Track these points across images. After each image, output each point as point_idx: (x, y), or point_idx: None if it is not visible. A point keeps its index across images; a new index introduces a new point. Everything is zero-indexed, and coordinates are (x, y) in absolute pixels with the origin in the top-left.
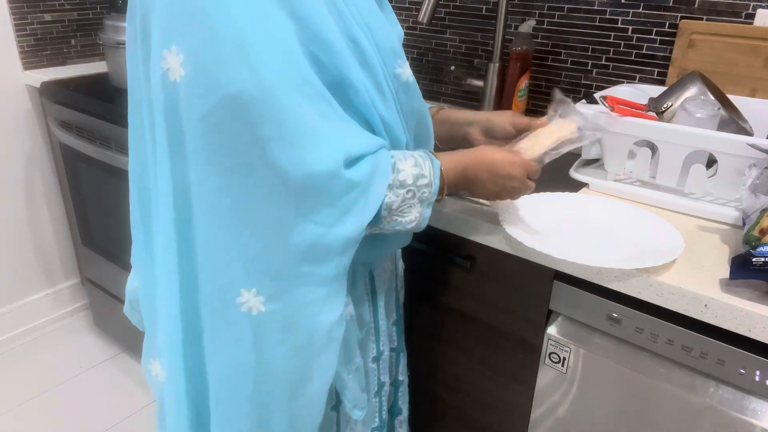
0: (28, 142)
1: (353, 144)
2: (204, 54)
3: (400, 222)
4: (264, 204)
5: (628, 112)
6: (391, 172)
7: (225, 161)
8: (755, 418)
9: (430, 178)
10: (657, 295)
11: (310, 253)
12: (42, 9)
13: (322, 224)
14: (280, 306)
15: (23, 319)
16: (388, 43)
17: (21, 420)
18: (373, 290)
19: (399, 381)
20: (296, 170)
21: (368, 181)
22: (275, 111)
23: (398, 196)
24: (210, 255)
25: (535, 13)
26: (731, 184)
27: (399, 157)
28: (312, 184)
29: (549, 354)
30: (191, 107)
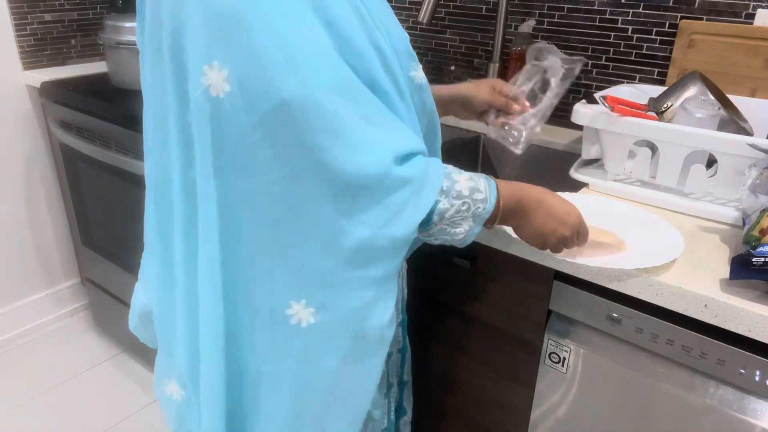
0: (28, 142)
1: (401, 142)
2: (249, 68)
3: (450, 233)
4: (313, 210)
5: (628, 112)
6: (444, 179)
7: (273, 172)
8: (755, 418)
9: (486, 194)
10: (657, 295)
11: (359, 255)
12: (42, 9)
13: (372, 225)
14: (332, 315)
15: (23, 319)
16: (405, 47)
17: (21, 420)
18: None
19: (404, 381)
20: (347, 172)
21: (421, 179)
22: (322, 118)
23: (453, 206)
24: (257, 268)
25: (535, 13)
26: (731, 184)
27: (452, 169)
28: (363, 184)
29: (549, 354)
30: (237, 121)
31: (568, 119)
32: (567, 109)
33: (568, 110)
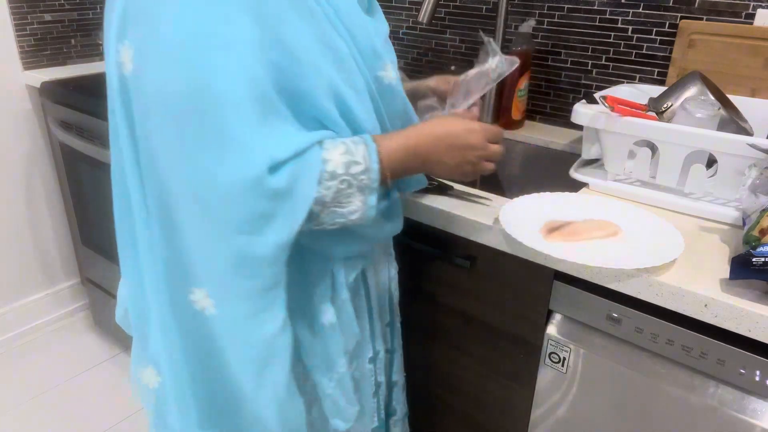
0: (28, 142)
1: (280, 148)
2: (148, 52)
3: (342, 213)
4: (192, 206)
5: (628, 112)
6: (320, 166)
7: (162, 162)
8: (755, 418)
9: (366, 164)
10: (657, 295)
11: (240, 263)
12: (42, 9)
13: (250, 232)
14: (227, 312)
15: (23, 319)
16: (370, 46)
17: (21, 420)
18: (367, 292)
19: (393, 381)
20: (220, 176)
21: (291, 185)
22: (205, 116)
23: (329, 189)
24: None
25: (535, 13)
26: (731, 184)
27: (328, 147)
28: (235, 191)
29: (549, 354)
30: (136, 103)
31: (568, 119)
32: (567, 109)
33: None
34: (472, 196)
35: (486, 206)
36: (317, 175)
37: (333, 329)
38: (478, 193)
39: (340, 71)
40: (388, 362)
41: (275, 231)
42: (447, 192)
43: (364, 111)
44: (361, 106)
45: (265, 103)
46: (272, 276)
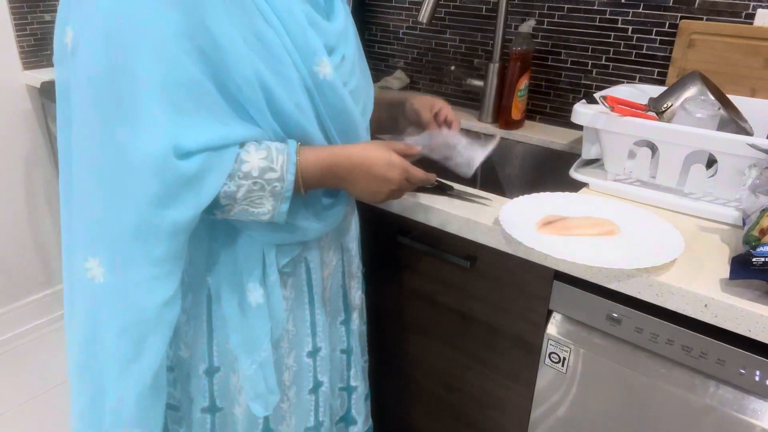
0: (28, 142)
1: (191, 138)
2: (81, 34)
3: (253, 212)
4: (104, 177)
5: (628, 112)
6: (233, 163)
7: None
8: (755, 418)
9: (282, 173)
10: (657, 295)
11: (140, 231)
12: (42, 9)
13: (153, 205)
14: (116, 279)
15: (23, 319)
16: (304, 42)
17: (21, 420)
18: (309, 282)
19: (351, 387)
20: (129, 149)
21: (199, 175)
22: (122, 96)
23: (240, 187)
24: (70, 221)
25: (535, 13)
26: (731, 184)
27: (250, 149)
28: (143, 166)
29: (549, 354)
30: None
31: (568, 119)
32: (567, 109)
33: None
34: (472, 196)
35: (486, 206)
36: (228, 171)
37: (260, 310)
38: (478, 193)
39: (268, 63)
40: (345, 364)
41: (177, 209)
42: (447, 192)
43: (294, 105)
44: (291, 100)
45: (188, 92)
46: (168, 248)
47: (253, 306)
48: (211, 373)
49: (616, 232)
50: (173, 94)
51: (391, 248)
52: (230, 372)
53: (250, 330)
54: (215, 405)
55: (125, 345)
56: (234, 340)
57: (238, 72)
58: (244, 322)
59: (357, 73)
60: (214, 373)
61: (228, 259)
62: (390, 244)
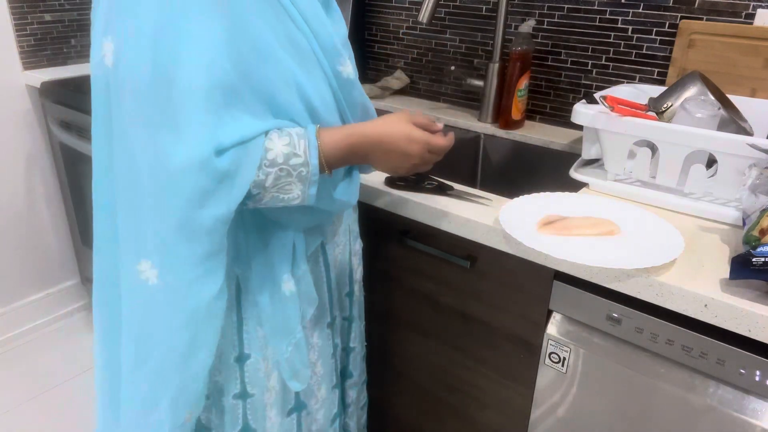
0: (28, 142)
1: (227, 135)
2: (124, 44)
3: (283, 198)
4: (149, 183)
5: (628, 112)
6: (262, 153)
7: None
8: (755, 418)
9: (305, 158)
10: (657, 295)
11: (184, 231)
12: (42, 9)
13: (193, 206)
14: (169, 280)
15: (23, 319)
16: (330, 44)
17: (21, 420)
18: (327, 263)
19: (351, 347)
20: (172, 155)
21: (234, 169)
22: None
23: (268, 175)
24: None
25: (535, 13)
26: (731, 184)
27: (273, 137)
28: (185, 170)
29: (549, 354)
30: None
31: (568, 119)
32: (567, 109)
33: (568, 110)
34: (472, 196)
35: (486, 206)
36: (257, 161)
37: (293, 298)
38: (478, 193)
39: (301, 65)
40: (346, 329)
41: (215, 205)
42: (447, 192)
43: (323, 103)
44: (320, 98)
45: (226, 93)
46: (211, 245)
47: (287, 295)
48: (242, 360)
49: (616, 232)
50: (212, 98)
51: (391, 248)
52: (260, 358)
53: (284, 318)
54: (246, 391)
55: (183, 341)
56: (267, 329)
57: (276, 73)
58: (278, 311)
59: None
60: (245, 360)
61: (258, 251)
62: (390, 244)
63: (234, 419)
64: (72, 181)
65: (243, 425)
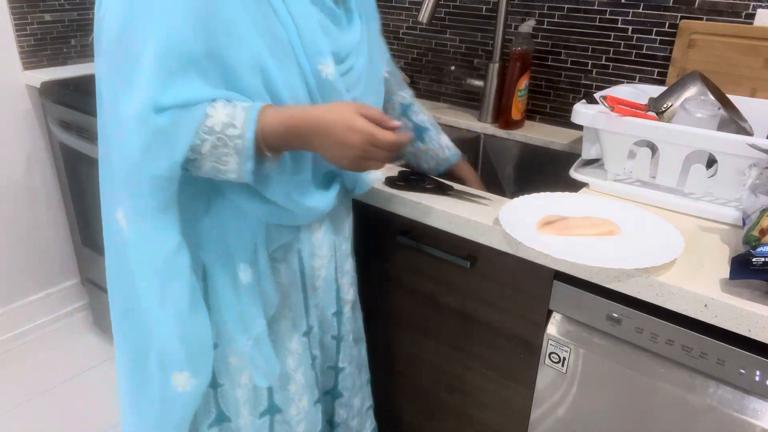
0: (28, 142)
1: (172, 96)
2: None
3: (221, 170)
4: (111, 131)
5: (628, 112)
6: (201, 119)
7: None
8: (755, 418)
9: (242, 130)
10: (657, 295)
11: (134, 181)
12: (42, 9)
13: (138, 159)
14: (135, 228)
15: (23, 319)
16: (312, 41)
17: (21, 420)
18: (302, 270)
19: (339, 368)
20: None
21: (172, 129)
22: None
23: (204, 141)
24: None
25: (535, 13)
26: (731, 184)
27: (218, 105)
28: (129, 123)
29: (549, 354)
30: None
31: (568, 119)
32: (567, 109)
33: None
34: (472, 196)
35: (486, 206)
36: (196, 125)
37: (251, 289)
38: (478, 193)
39: (272, 49)
40: (334, 348)
41: (156, 161)
42: (447, 192)
43: (292, 97)
44: (290, 92)
45: (183, 61)
46: (158, 200)
47: (243, 284)
48: None
49: (616, 232)
50: (165, 61)
51: (391, 248)
52: (228, 351)
53: (242, 307)
54: (216, 380)
55: (154, 288)
56: (228, 318)
57: (245, 55)
58: (237, 300)
59: (362, 85)
60: (213, 349)
61: (220, 238)
62: (390, 244)
63: (207, 408)
64: (72, 181)
65: (217, 413)
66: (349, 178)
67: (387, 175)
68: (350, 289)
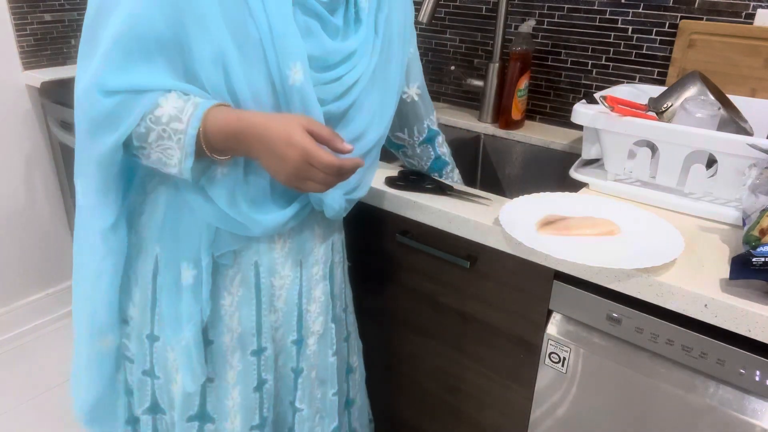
0: (28, 142)
1: (124, 80)
2: None
3: (166, 163)
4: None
5: (628, 112)
6: (149, 107)
7: None
8: (755, 418)
9: (185, 126)
10: (657, 295)
11: (83, 156)
12: (42, 9)
13: (84, 136)
14: (83, 202)
15: (23, 319)
16: (283, 45)
17: (21, 420)
18: (258, 285)
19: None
20: (78, 83)
21: (118, 112)
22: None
23: (150, 131)
24: None
25: (535, 13)
26: (731, 184)
27: (170, 96)
28: (78, 100)
29: (549, 354)
30: None
31: (568, 119)
32: (567, 109)
33: (568, 110)
34: (472, 196)
35: (486, 206)
36: (142, 112)
37: (188, 290)
38: (478, 193)
39: (241, 51)
40: (291, 378)
41: (100, 139)
42: (447, 192)
43: (254, 98)
44: (252, 93)
45: (145, 46)
46: (100, 179)
47: (183, 285)
48: (152, 339)
49: (616, 232)
50: (127, 41)
51: (391, 248)
52: (167, 346)
53: (177, 309)
54: (154, 372)
55: (92, 261)
56: (167, 314)
57: (206, 45)
58: (177, 298)
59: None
60: (154, 341)
61: (172, 234)
62: (390, 244)
63: (143, 394)
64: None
65: (152, 402)
66: (315, 198)
67: (387, 175)
68: (318, 318)
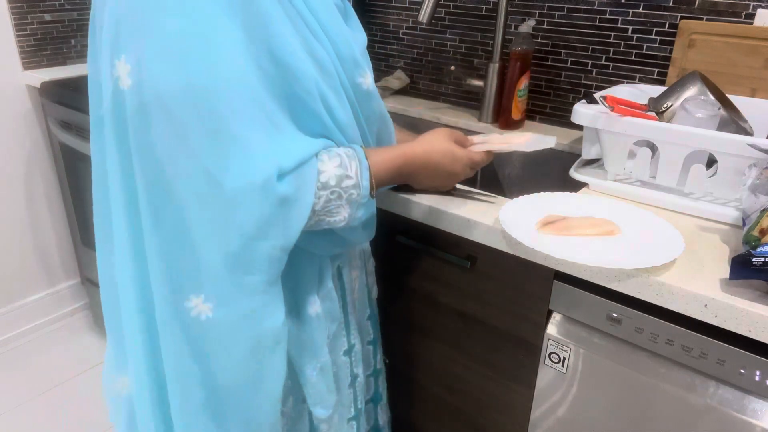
0: (28, 142)
1: (286, 157)
2: (146, 62)
3: (328, 222)
4: (198, 211)
5: (628, 112)
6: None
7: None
8: (755, 418)
9: (357, 180)
10: (657, 295)
11: (239, 261)
12: (42, 9)
13: (254, 237)
14: (227, 312)
15: (23, 319)
16: (350, 55)
17: (21, 420)
18: (342, 287)
19: (377, 370)
20: (226, 178)
21: (295, 193)
22: (205, 118)
23: (320, 198)
24: (159, 259)
25: (535, 13)
26: (731, 184)
27: (324, 158)
28: (242, 196)
29: (549, 354)
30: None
31: (568, 119)
32: (567, 109)
33: (568, 110)
34: (473, 196)
35: (486, 206)
36: (314, 185)
37: (318, 319)
38: (480, 193)
39: (324, 76)
40: (372, 353)
41: (276, 234)
42: (447, 192)
43: (344, 115)
44: (342, 110)
45: (261, 108)
46: (272, 276)
47: (312, 316)
48: None
49: (616, 232)
50: (254, 112)
51: (390, 248)
52: None
53: (310, 338)
54: None
55: (247, 374)
56: (293, 353)
57: (302, 86)
58: (303, 333)
59: None
60: None
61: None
62: (390, 244)
63: None
64: (72, 181)
65: None
66: None
67: None
68: (374, 287)
